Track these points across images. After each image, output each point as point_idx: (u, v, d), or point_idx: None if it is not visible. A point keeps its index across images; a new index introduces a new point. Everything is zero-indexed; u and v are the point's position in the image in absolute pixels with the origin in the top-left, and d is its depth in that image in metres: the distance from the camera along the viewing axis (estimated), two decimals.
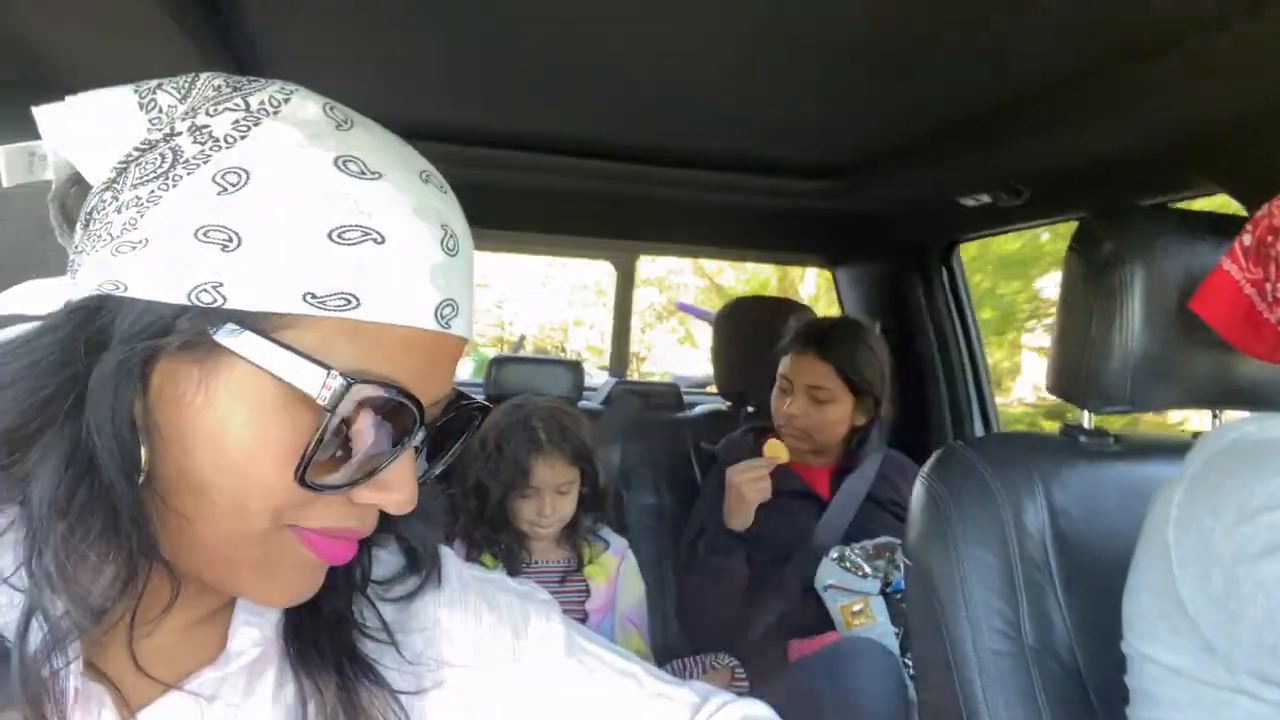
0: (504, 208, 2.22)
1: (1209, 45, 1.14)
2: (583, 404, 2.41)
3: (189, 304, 0.45)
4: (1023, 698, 0.96)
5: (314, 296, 0.45)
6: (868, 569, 1.75)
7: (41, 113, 0.51)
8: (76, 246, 0.50)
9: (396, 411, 0.48)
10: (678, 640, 2.01)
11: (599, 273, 8.78)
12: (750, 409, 2.33)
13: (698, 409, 2.52)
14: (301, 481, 0.46)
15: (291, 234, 0.45)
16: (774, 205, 2.33)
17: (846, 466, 2.04)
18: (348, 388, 0.45)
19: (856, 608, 1.71)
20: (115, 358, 0.45)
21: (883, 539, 1.83)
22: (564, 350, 9.22)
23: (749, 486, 1.86)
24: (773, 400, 2.04)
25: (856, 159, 2.03)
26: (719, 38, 1.29)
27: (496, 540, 1.79)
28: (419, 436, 0.50)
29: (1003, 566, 1.02)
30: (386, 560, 0.64)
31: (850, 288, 2.66)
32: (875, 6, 1.15)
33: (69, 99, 0.50)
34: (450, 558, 0.67)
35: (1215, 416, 1.20)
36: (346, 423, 0.47)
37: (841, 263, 2.65)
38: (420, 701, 0.60)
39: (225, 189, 0.45)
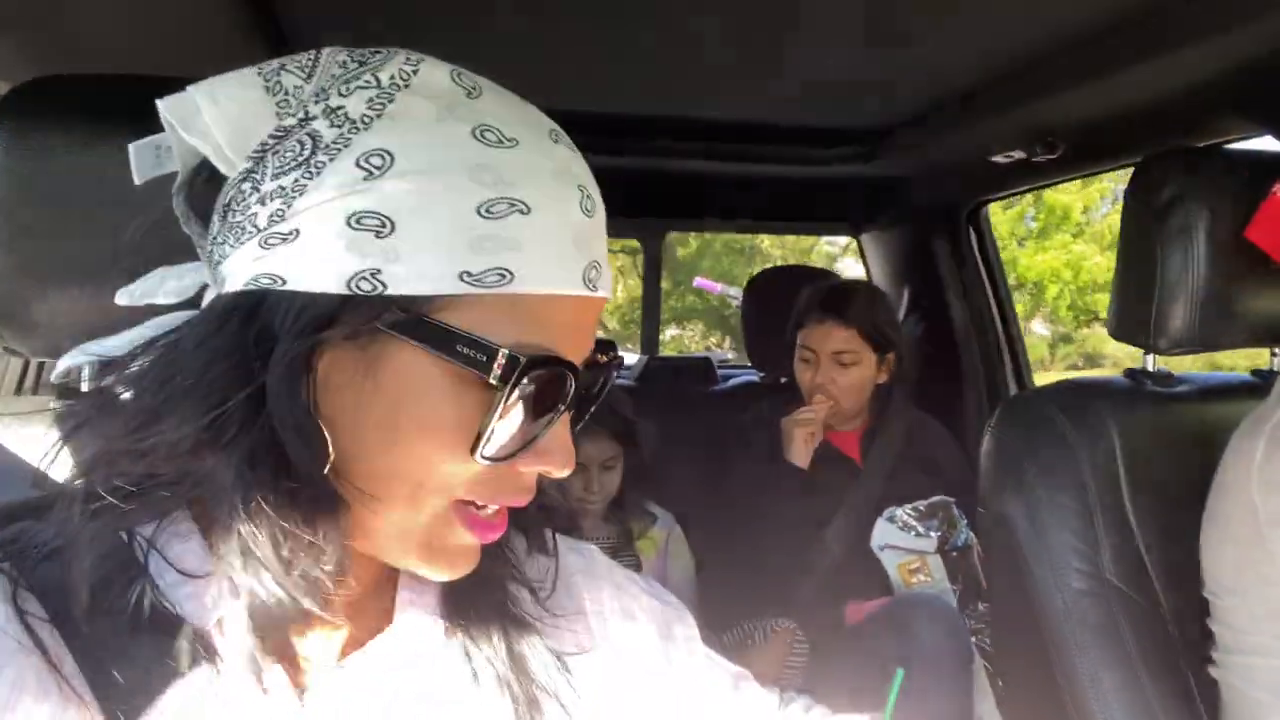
0: None
1: None
2: (619, 381, 2.42)
3: (350, 293, 0.45)
4: (1108, 633, 0.98)
5: (470, 275, 0.45)
6: (921, 528, 1.77)
7: (166, 104, 0.50)
8: (215, 238, 0.49)
9: (555, 378, 0.49)
10: (721, 610, 2.03)
11: None
12: (784, 379, 2.34)
13: (730, 381, 2.53)
14: (481, 457, 0.47)
15: (442, 214, 0.45)
16: (799, 174, 2.33)
17: (875, 429, 2.05)
18: (518, 364, 0.46)
19: (914, 566, 1.73)
20: (286, 353, 0.45)
21: (936, 499, 1.84)
22: None
23: (799, 431, 1.94)
24: (797, 372, 2.05)
25: (883, 122, 2.03)
26: (744, 4, 1.29)
27: None
28: (571, 398, 0.50)
29: (1080, 509, 1.03)
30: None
31: (876, 255, 2.67)
32: None
33: (191, 88, 0.49)
34: (594, 550, 0.70)
35: (1274, 354, 1.21)
36: (518, 396, 0.48)
37: (867, 229, 2.66)
38: (577, 663, 0.61)
39: (370, 173, 0.45)
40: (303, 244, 0.45)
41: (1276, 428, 0.86)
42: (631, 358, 2.74)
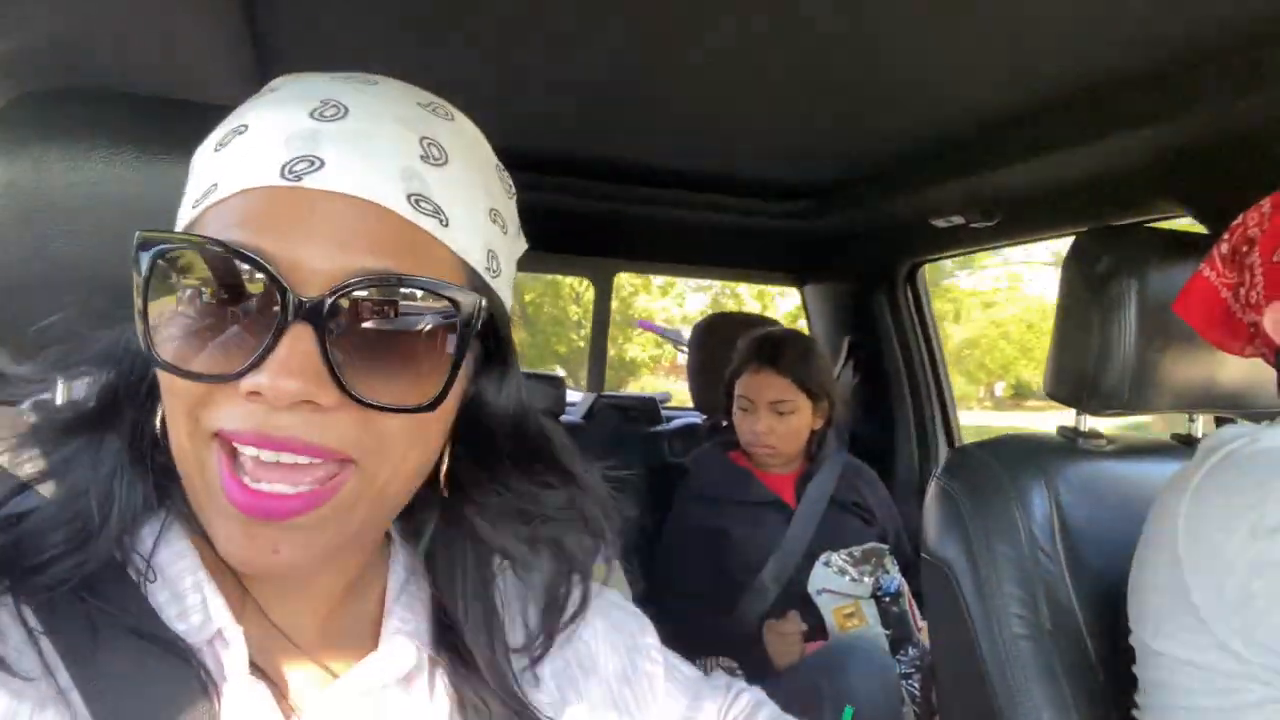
0: None
1: (1177, 82, 1.25)
2: (564, 419, 2.44)
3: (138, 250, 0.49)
4: (1047, 676, 1.04)
5: (195, 200, 0.49)
6: (856, 574, 1.82)
7: None
8: None
9: (245, 277, 0.46)
10: (663, 639, 2.05)
11: None
12: (725, 423, 2.40)
13: (675, 422, 2.57)
14: (152, 353, 0.46)
15: (198, 164, 0.51)
16: (747, 224, 2.41)
17: (809, 473, 2.12)
18: (144, 246, 0.46)
19: (848, 611, 1.78)
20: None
21: (869, 545, 1.90)
22: None
23: (778, 650, 1.86)
24: (736, 420, 2.11)
25: (829, 180, 2.13)
26: (701, 62, 1.36)
27: None
28: (293, 308, 0.44)
29: (1018, 557, 1.09)
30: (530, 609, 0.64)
31: (818, 305, 2.76)
32: (852, 38, 1.22)
33: None
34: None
35: (1191, 420, 1.31)
36: (157, 280, 0.46)
37: (810, 280, 2.75)
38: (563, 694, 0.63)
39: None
40: None
41: (1200, 486, 0.93)
42: (578, 395, 2.77)
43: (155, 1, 0.92)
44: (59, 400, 0.73)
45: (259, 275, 0.45)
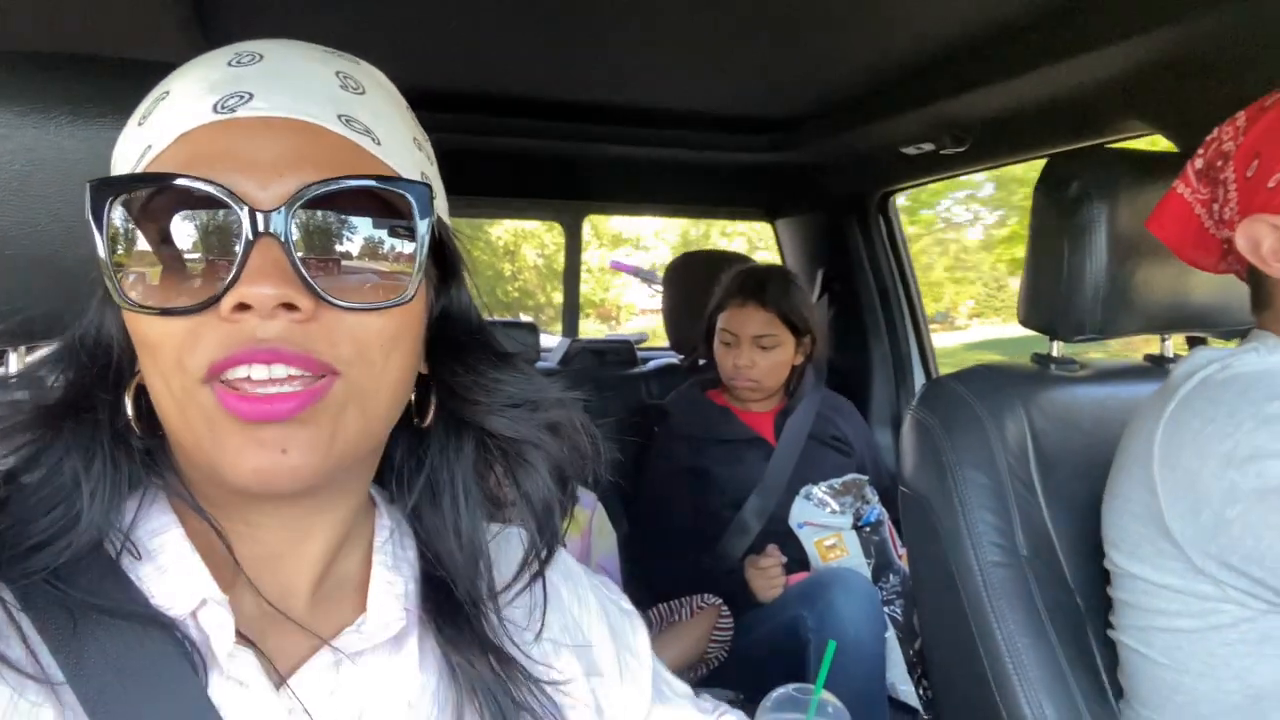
0: (449, 170, 2.20)
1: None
2: (540, 364, 2.43)
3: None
4: (1023, 602, 1.05)
5: (128, 166, 0.51)
6: (836, 505, 1.84)
7: None
8: None
9: (200, 206, 0.47)
10: (648, 586, 2.08)
11: None
12: (703, 361, 2.39)
13: (651, 364, 2.57)
14: (126, 304, 0.47)
15: (123, 144, 0.52)
16: (716, 160, 2.38)
17: (788, 409, 2.13)
18: (99, 196, 0.47)
19: (830, 542, 1.81)
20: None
21: (849, 476, 1.92)
22: None
23: (760, 585, 1.87)
24: (717, 355, 2.11)
25: (797, 112, 2.09)
26: None
27: None
28: (253, 221, 0.46)
29: (995, 486, 1.10)
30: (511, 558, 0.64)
31: (790, 239, 2.74)
32: None
33: None
34: (563, 552, 0.68)
35: (1164, 340, 1.31)
36: (122, 227, 0.47)
37: (781, 215, 2.73)
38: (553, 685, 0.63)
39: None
40: None
41: (1174, 414, 0.94)
42: (553, 340, 2.75)
43: None
44: (12, 369, 0.72)
45: (217, 201, 0.46)
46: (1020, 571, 1.07)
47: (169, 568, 0.50)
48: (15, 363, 0.74)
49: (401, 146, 0.53)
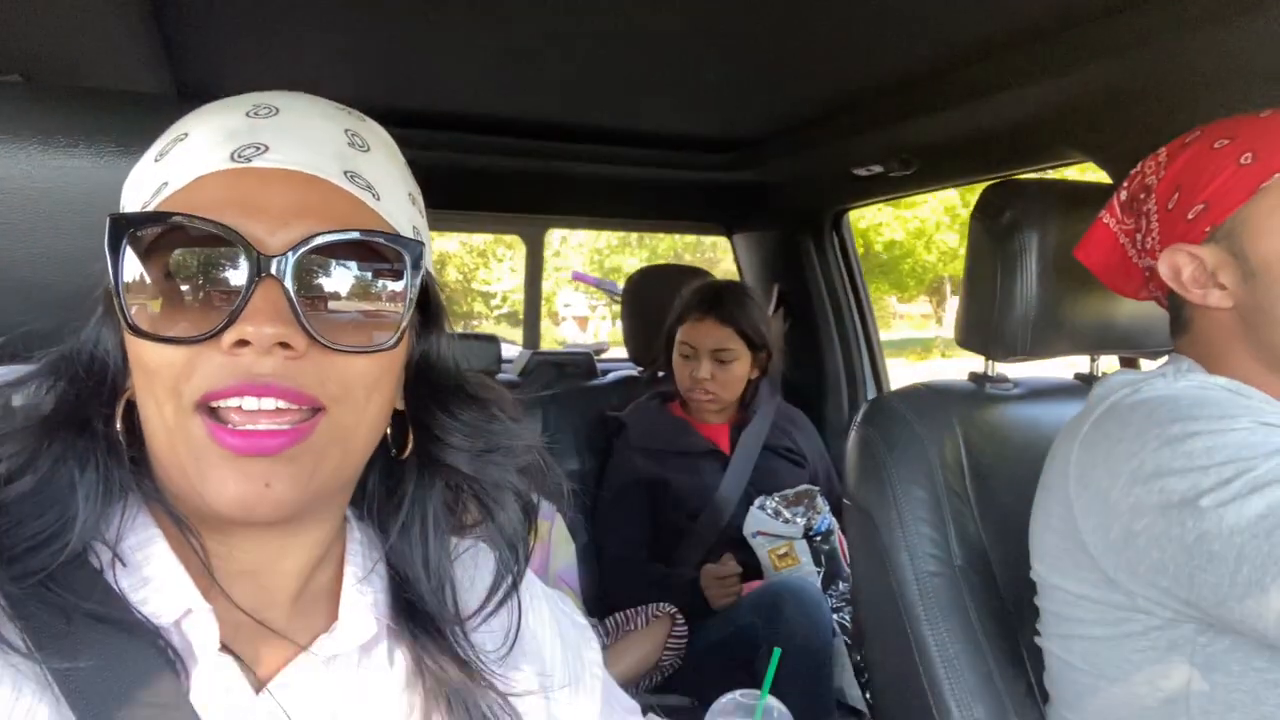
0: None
1: (1082, 33, 1.30)
2: (500, 376, 2.46)
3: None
4: (957, 609, 1.11)
5: (145, 205, 0.54)
6: (789, 515, 1.90)
7: None
8: None
9: (211, 245, 0.51)
10: (606, 595, 2.12)
11: None
12: (661, 374, 2.44)
13: (610, 376, 2.61)
14: (132, 330, 0.50)
15: (137, 178, 0.56)
16: (675, 177, 2.43)
17: (743, 420, 2.19)
18: (117, 228, 0.50)
19: (782, 551, 1.86)
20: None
21: (801, 487, 1.98)
22: None
23: (716, 593, 1.91)
24: (675, 367, 2.17)
25: (754, 133, 2.15)
26: (624, 16, 1.37)
27: None
28: (259, 264, 0.50)
29: (931, 499, 1.16)
30: (479, 579, 0.68)
31: (747, 254, 2.80)
32: None
33: None
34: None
35: (1093, 360, 1.38)
36: (136, 258, 0.51)
37: (738, 230, 2.79)
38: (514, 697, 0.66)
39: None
40: None
41: (1087, 435, 1.00)
42: (514, 350, 2.78)
43: None
44: None
45: (227, 242, 0.50)
46: (955, 581, 1.13)
47: (154, 578, 0.53)
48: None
49: (398, 202, 0.58)
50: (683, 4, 1.30)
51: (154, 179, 0.54)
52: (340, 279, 0.53)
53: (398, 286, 0.55)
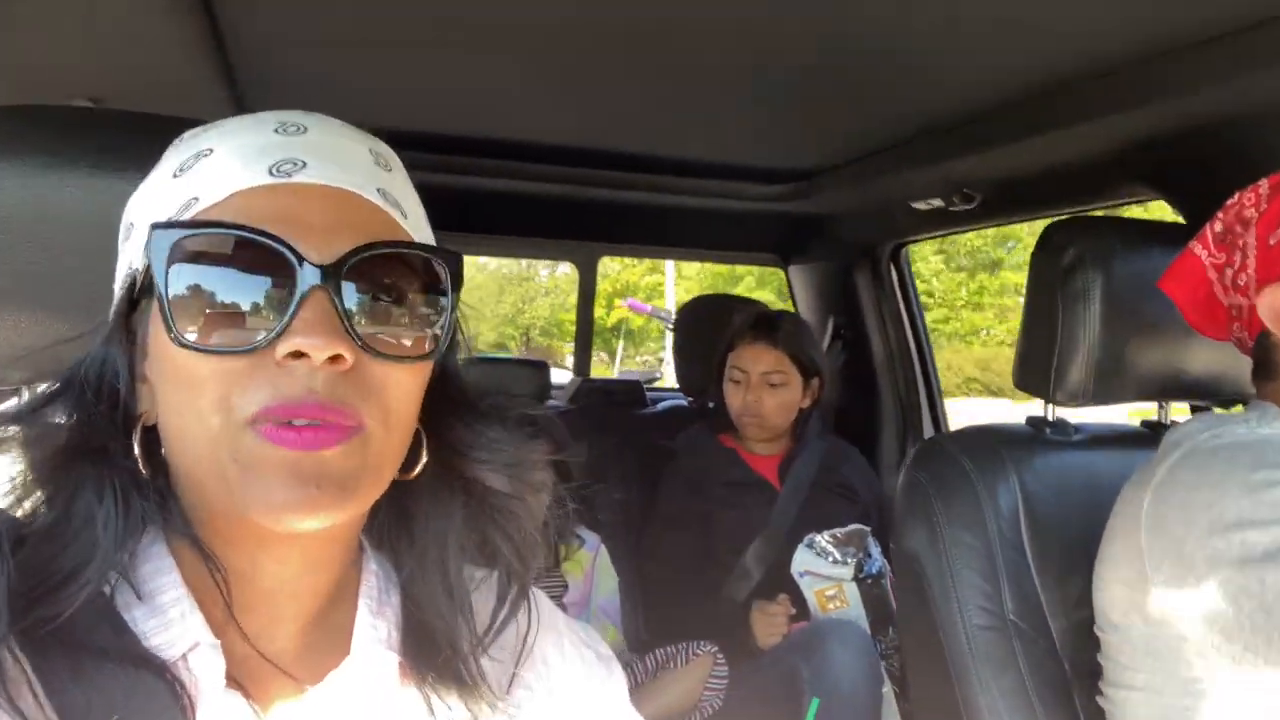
0: (468, 211, 2.26)
1: (1150, 70, 1.25)
2: (550, 404, 2.45)
3: (128, 284, 0.55)
4: (1006, 665, 1.06)
5: (170, 216, 0.53)
6: (839, 555, 1.85)
7: None
8: None
9: (258, 257, 0.50)
10: (649, 629, 2.08)
11: None
12: (712, 404, 2.41)
13: (660, 405, 2.59)
14: (179, 343, 0.49)
15: (153, 193, 0.56)
16: (731, 207, 2.41)
17: (793, 454, 2.15)
18: (161, 237, 0.50)
19: (830, 592, 1.81)
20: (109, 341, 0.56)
21: (852, 527, 1.93)
22: None
23: (762, 629, 1.88)
24: (726, 393, 2.14)
25: (814, 165, 2.13)
26: (686, 49, 1.36)
27: None
28: (309, 275, 0.50)
29: (983, 547, 1.11)
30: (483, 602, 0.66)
31: (802, 287, 2.77)
32: (834, 24, 1.23)
33: None
34: (541, 595, 0.71)
35: (1161, 407, 1.32)
36: (181, 269, 0.50)
37: (794, 262, 2.75)
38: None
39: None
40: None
41: (1162, 482, 0.95)
42: (564, 377, 2.78)
43: (117, 17, 0.92)
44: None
45: (276, 253, 0.50)
46: (1006, 635, 1.08)
47: (164, 610, 0.53)
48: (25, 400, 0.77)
49: (420, 220, 0.60)
50: (741, 36, 1.29)
51: (179, 195, 0.54)
52: (383, 292, 0.53)
53: (439, 299, 0.56)
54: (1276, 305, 0.94)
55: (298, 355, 0.49)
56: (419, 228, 0.59)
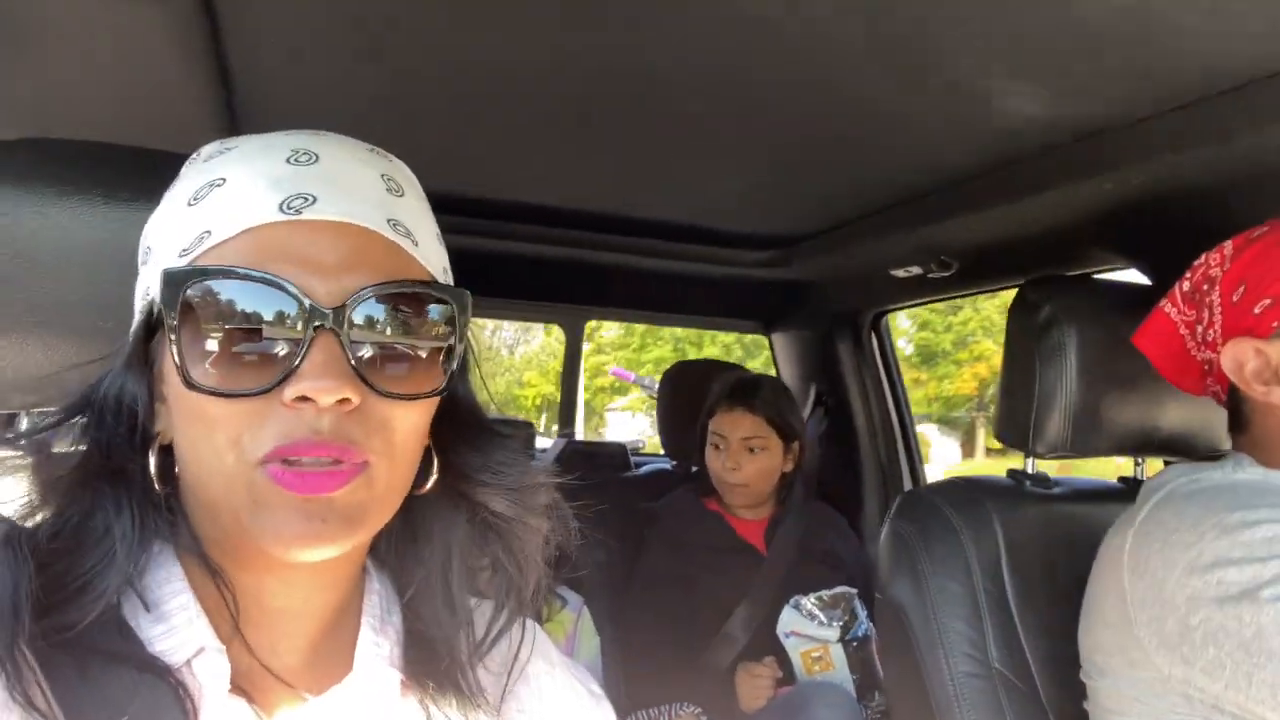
0: (455, 272, 2.27)
1: (1116, 141, 1.31)
2: (532, 465, 2.45)
3: (143, 316, 0.57)
4: (992, 714, 1.06)
5: (184, 250, 0.54)
6: (825, 618, 1.84)
7: None
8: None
9: (267, 299, 0.51)
10: (631, 691, 2.05)
11: None
12: (695, 469, 2.42)
13: (644, 469, 2.59)
14: (189, 385, 0.51)
15: (166, 220, 0.57)
16: (715, 273, 2.46)
17: (778, 518, 2.15)
18: (172, 282, 0.51)
19: (816, 654, 1.80)
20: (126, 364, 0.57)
21: (839, 589, 1.92)
22: None
23: (747, 691, 1.88)
24: (708, 458, 2.15)
25: (795, 233, 2.19)
26: (672, 114, 1.41)
27: None
28: (316, 318, 0.51)
29: (968, 596, 1.12)
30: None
31: (785, 352, 2.81)
32: (812, 96, 1.28)
33: None
34: (537, 628, 0.72)
35: (1138, 464, 1.35)
36: (191, 311, 0.51)
37: (776, 328, 2.80)
38: None
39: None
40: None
41: (1142, 525, 0.97)
42: (547, 442, 2.78)
43: (126, 54, 0.96)
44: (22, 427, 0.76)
45: (283, 296, 0.51)
46: (991, 683, 1.08)
47: (170, 616, 0.53)
48: (25, 424, 0.78)
49: (432, 245, 0.60)
50: (724, 104, 1.34)
51: (192, 226, 0.55)
52: (391, 329, 0.54)
53: (445, 335, 0.57)
54: (1238, 358, 0.98)
55: (304, 399, 0.51)
56: (431, 254, 0.60)
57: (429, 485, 0.61)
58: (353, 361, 0.52)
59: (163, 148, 0.75)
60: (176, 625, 0.53)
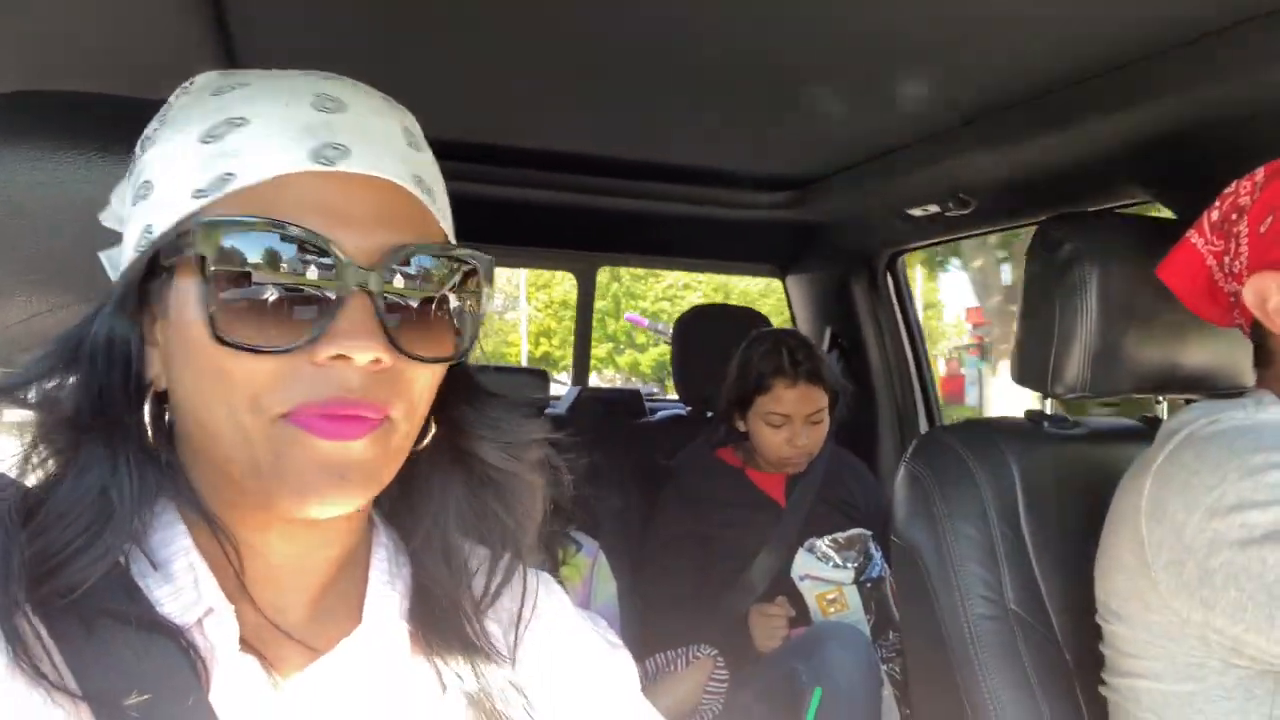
0: (466, 219, 2.25)
1: (1143, 69, 1.27)
2: (548, 411, 2.46)
3: (136, 252, 0.54)
4: (1008, 655, 1.06)
5: (199, 190, 0.51)
6: (839, 560, 1.85)
7: None
8: None
9: (303, 254, 0.50)
10: (648, 633, 2.07)
11: None
12: (710, 414, 2.41)
13: (659, 414, 2.59)
14: (220, 340, 0.49)
15: (174, 154, 0.53)
16: (728, 216, 2.43)
17: (802, 471, 2.12)
18: (200, 228, 0.49)
19: (831, 596, 1.81)
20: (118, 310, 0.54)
21: (853, 531, 1.93)
22: None
23: (762, 632, 1.88)
24: (760, 435, 2.02)
25: (808, 172, 2.14)
26: (684, 56, 1.38)
27: None
28: (352, 277, 0.50)
29: (984, 539, 1.11)
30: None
31: (800, 295, 2.78)
32: (826, 33, 1.24)
33: None
34: (550, 580, 0.72)
35: (1158, 402, 1.33)
36: (228, 262, 0.49)
37: (791, 271, 2.77)
38: (532, 695, 0.65)
39: (139, 154, 0.56)
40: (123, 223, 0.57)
41: (1161, 467, 0.95)
42: (563, 388, 2.78)
43: (124, 3, 0.94)
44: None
45: (319, 251, 0.50)
46: (1007, 625, 1.08)
47: (177, 576, 0.53)
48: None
49: (445, 202, 0.60)
50: (736, 43, 1.31)
51: (210, 165, 0.52)
52: (419, 290, 0.54)
53: (470, 299, 0.56)
54: (1262, 293, 0.95)
55: (339, 357, 0.50)
56: (446, 211, 0.59)
57: (426, 441, 0.61)
58: (385, 322, 0.51)
59: (159, 97, 0.73)
60: (183, 586, 0.53)
